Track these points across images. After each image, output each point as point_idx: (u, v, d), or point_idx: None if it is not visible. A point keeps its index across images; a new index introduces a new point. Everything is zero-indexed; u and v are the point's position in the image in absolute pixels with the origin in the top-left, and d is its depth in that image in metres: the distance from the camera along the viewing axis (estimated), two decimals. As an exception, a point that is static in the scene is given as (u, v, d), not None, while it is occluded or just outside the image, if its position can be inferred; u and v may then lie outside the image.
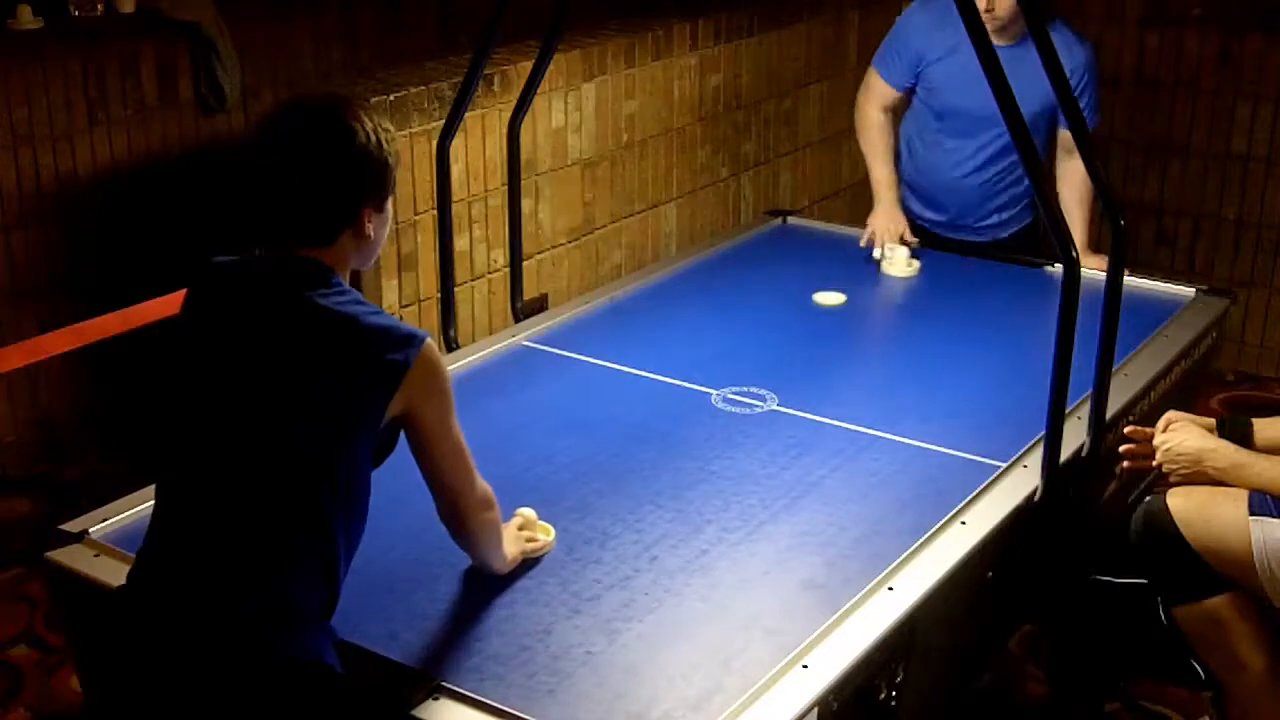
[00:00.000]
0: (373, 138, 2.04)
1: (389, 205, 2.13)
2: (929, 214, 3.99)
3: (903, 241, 3.80)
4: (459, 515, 2.20)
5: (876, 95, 3.97)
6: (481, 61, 3.20)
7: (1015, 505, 2.62)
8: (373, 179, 2.06)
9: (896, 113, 4.01)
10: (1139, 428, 2.84)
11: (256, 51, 4.55)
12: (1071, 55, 3.63)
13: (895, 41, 3.94)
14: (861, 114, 3.99)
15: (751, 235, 4.19)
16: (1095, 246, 3.71)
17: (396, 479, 2.16)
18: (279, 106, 2.10)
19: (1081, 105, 3.62)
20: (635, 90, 4.22)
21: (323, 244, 2.05)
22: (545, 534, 2.45)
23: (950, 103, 3.81)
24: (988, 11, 3.58)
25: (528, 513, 2.45)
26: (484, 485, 2.21)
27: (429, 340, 2.05)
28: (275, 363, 2.01)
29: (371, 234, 2.08)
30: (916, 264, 3.76)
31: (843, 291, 3.62)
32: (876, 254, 3.79)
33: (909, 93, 3.95)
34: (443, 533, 2.23)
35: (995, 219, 3.92)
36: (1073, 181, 3.77)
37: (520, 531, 2.40)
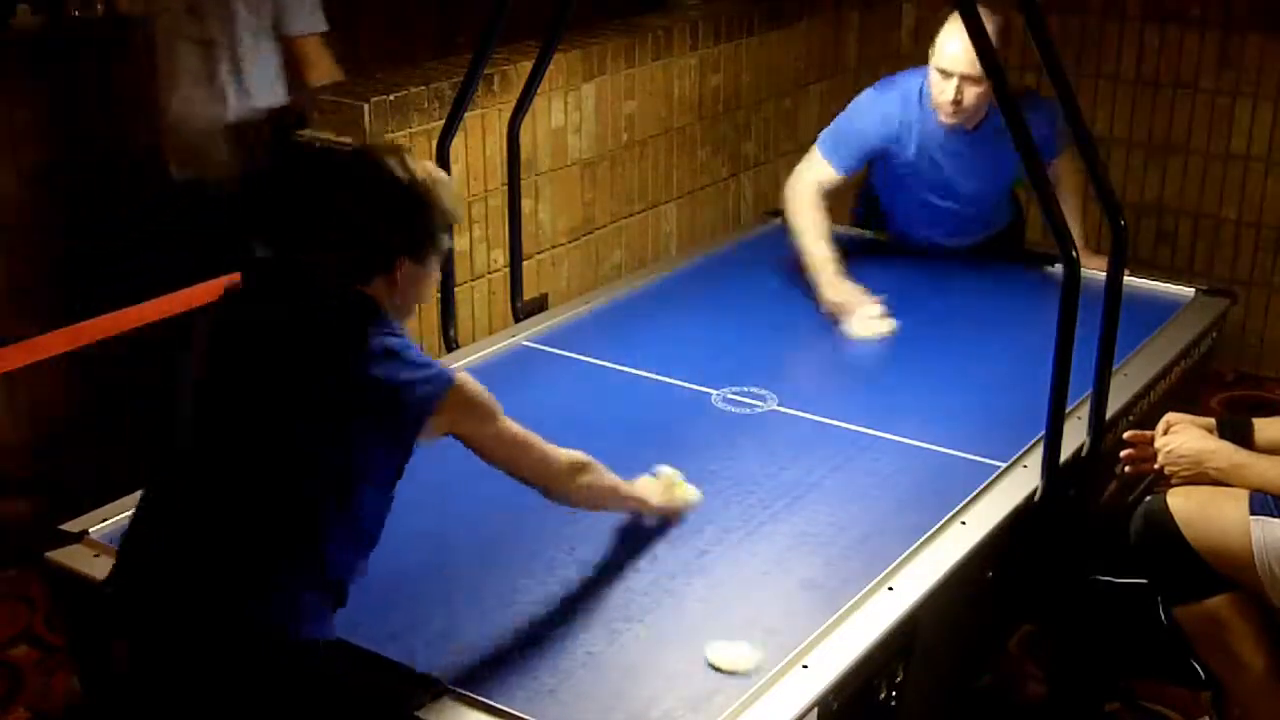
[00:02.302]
0: (422, 189, 2.06)
1: (431, 262, 2.13)
2: (925, 233, 3.91)
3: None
4: (560, 495, 2.31)
5: (818, 176, 3.65)
6: (481, 61, 3.20)
7: (1015, 505, 2.62)
8: (411, 226, 2.07)
9: (833, 195, 3.72)
10: (1138, 431, 2.84)
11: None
12: (1044, 123, 3.46)
13: (848, 132, 3.68)
14: (798, 191, 3.66)
15: (751, 235, 4.19)
16: (1095, 247, 3.71)
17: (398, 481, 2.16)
18: (341, 153, 2.17)
19: (1056, 147, 3.62)
20: (635, 90, 4.22)
21: (357, 283, 2.07)
22: (685, 493, 2.56)
23: (921, 184, 3.74)
24: (955, 102, 3.45)
25: (668, 472, 2.56)
26: (564, 456, 2.29)
27: (456, 380, 2.09)
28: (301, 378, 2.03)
29: (400, 282, 2.08)
30: (891, 321, 3.44)
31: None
32: (851, 328, 3.44)
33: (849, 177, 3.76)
34: (443, 534, 2.23)
35: (982, 234, 3.90)
36: (1064, 178, 3.72)
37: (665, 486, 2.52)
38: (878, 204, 3.99)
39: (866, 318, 3.43)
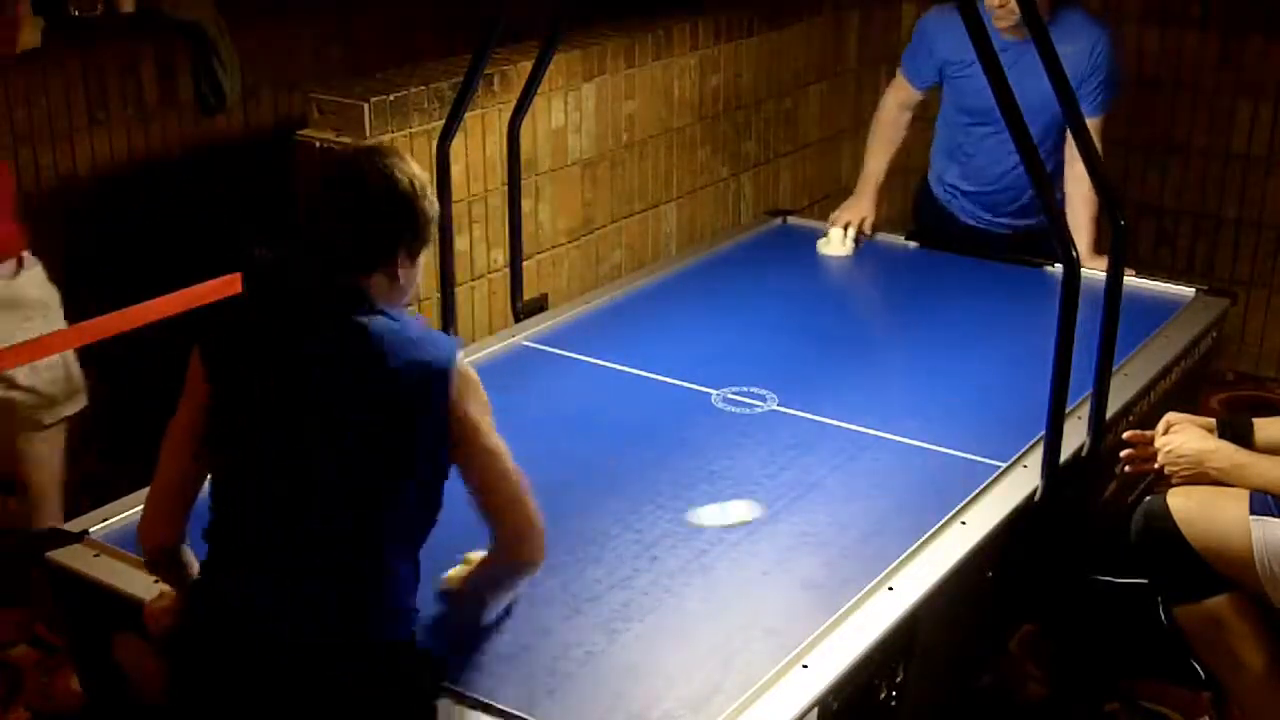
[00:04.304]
0: (418, 189, 2.12)
1: (421, 260, 2.18)
2: (984, 215, 3.98)
3: (859, 230, 3.97)
4: (511, 527, 2.14)
5: (899, 92, 4.07)
6: (481, 61, 3.20)
7: (1015, 505, 2.62)
8: (412, 223, 2.12)
9: (914, 113, 4.09)
10: (1138, 432, 2.83)
11: (256, 51, 4.55)
12: (1088, 34, 3.72)
13: (918, 45, 3.99)
14: (880, 108, 4.13)
15: (751, 235, 4.19)
16: (1097, 247, 3.71)
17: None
18: (341, 155, 2.19)
19: (1094, 84, 3.68)
20: (635, 90, 4.22)
21: (360, 274, 2.09)
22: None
23: (982, 103, 3.78)
24: (1001, 6, 3.59)
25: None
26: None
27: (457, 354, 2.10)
28: (331, 383, 2.04)
29: (402, 279, 2.14)
30: (850, 244, 3.94)
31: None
32: (824, 237, 3.97)
33: (931, 90, 4.01)
34: (443, 535, 2.22)
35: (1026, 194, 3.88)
36: (1082, 181, 3.73)
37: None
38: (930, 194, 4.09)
39: (830, 238, 3.94)
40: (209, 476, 2.12)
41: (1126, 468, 2.85)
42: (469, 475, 2.11)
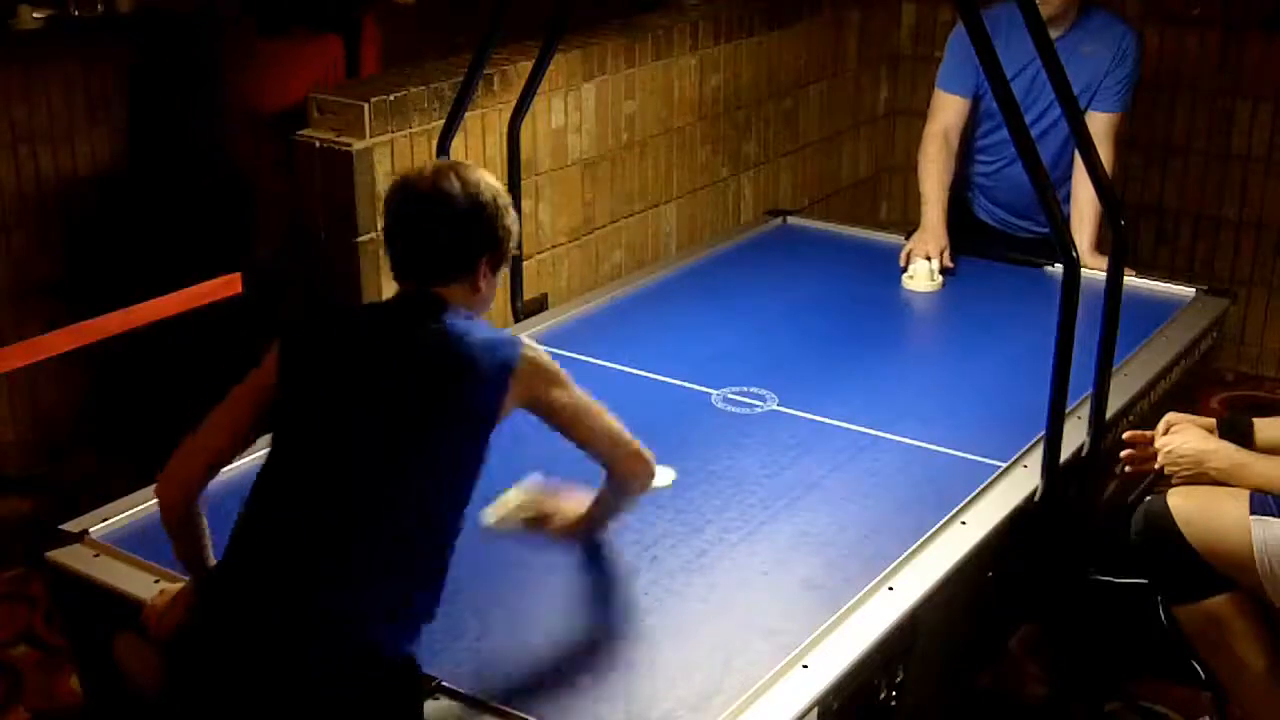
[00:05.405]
0: (501, 204, 2.19)
1: (502, 272, 2.25)
2: (1009, 218, 4.04)
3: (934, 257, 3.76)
4: (624, 472, 2.34)
5: (940, 114, 3.96)
6: (481, 61, 3.20)
7: (1015, 505, 2.62)
8: (492, 235, 2.19)
9: (959, 131, 3.97)
10: (1138, 432, 2.83)
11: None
12: (1114, 33, 3.77)
13: (958, 54, 3.92)
14: (923, 141, 3.98)
15: (751, 235, 4.19)
16: (1098, 245, 3.71)
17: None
18: (426, 168, 2.23)
19: (1118, 78, 3.73)
20: (635, 90, 4.21)
21: (439, 284, 2.16)
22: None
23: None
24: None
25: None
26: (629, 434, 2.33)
27: (524, 343, 2.17)
28: (391, 382, 2.09)
29: (483, 289, 2.20)
30: (940, 279, 3.73)
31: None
32: (908, 271, 3.75)
33: (976, 101, 3.93)
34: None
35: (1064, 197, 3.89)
36: (1087, 182, 3.73)
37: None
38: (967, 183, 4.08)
39: (914, 273, 3.71)
40: (258, 473, 2.13)
41: (1126, 468, 2.85)
42: (571, 438, 2.26)
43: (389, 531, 2.03)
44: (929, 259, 3.73)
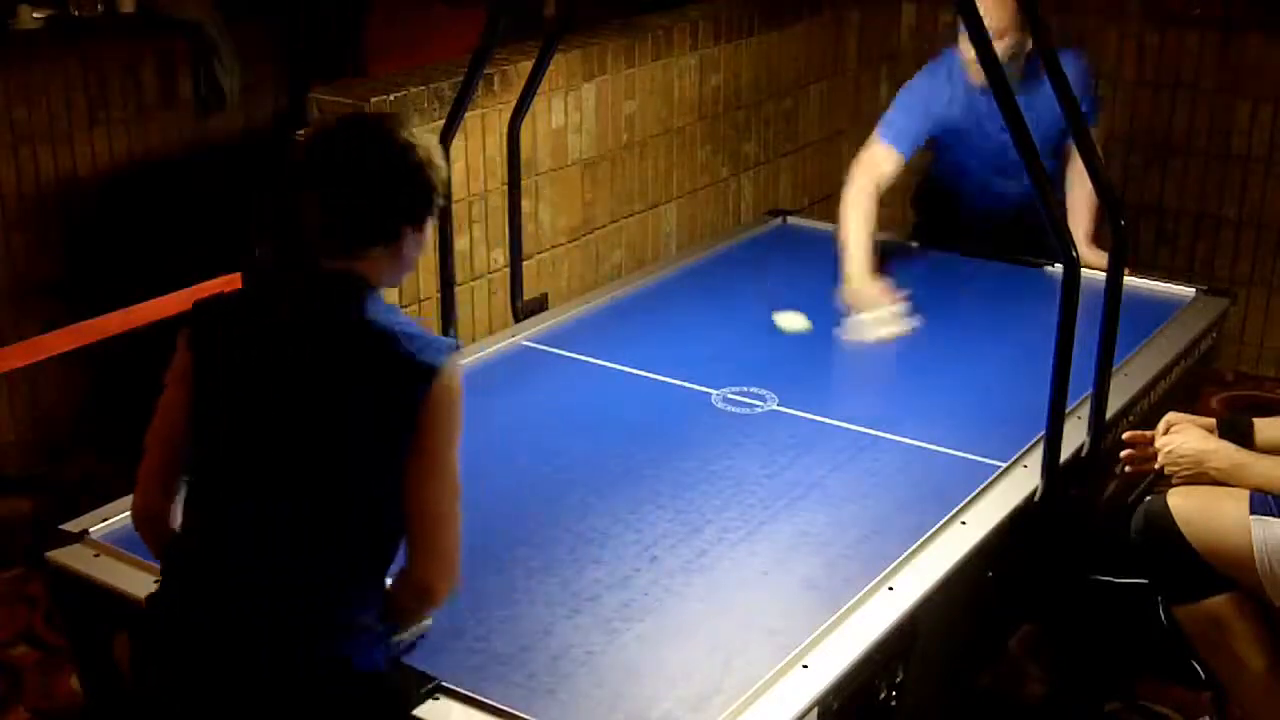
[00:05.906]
0: (424, 156, 2.01)
1: (428, 229, 2.08)
2: (994, 178, 3.89)
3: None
4: (421, 574, 2.01)
5: (875, 169, 3.67)
6: (481, 61, 3.20)
7: (1015, 505, 2.62)
8: (419, 195, 2.02)
9: (883, 189, 3.71)
10: (1138, 432, 2.83)
11: (256, 51, 4.55)
12: (1072, 69, 3.61)
13: (910, 107, 3.74)
14: (850, 181, 3.69)
15: (751, 235, 4.19)
16: (1094, 239, 3.70)
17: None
18: (337, 120, 2.07)
19: (1084, 108, 3.67)
20: (635, 90, 4.22)
21: (356, 255, 2.01)
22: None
23: (976, 160, 3.81)
24: (998, 40, 3.50)
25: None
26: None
27: (448, 367, 1.98)
28: (317, 380, 1.97)
29: (406, 252, 2.04)
30: (903, 324, 3.41)
31: (806, 315, 3.43)
32: (855, 321, 3.42)
33: (904, 164, 3.75)
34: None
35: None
36: (1080, 184, 3.73)
37: None
38: (938, 203, 4.03)
39: (874, 318, 3.39)
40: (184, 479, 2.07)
41: (1126, 468, 2.85)
42: (408, 491, 1.96)
43: (310, 539, 1.96)
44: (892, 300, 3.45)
